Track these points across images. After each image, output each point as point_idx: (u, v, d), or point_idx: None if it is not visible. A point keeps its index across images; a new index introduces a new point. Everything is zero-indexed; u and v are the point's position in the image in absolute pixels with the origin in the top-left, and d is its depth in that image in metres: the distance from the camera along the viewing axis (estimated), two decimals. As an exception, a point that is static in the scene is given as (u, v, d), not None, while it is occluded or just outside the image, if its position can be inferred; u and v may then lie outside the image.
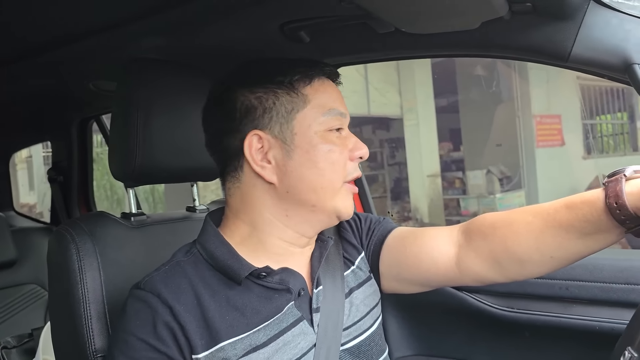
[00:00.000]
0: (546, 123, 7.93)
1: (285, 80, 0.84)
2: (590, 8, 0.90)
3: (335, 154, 0.83)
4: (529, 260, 0.83)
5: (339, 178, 0.84)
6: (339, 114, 0.86)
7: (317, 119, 0.84)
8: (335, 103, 0.86)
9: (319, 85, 0.86)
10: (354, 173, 0.86)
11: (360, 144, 0.87)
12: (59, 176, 2.24)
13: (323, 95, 0.85)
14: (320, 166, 0.82)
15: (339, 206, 0.85)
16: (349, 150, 0.85)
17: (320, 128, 0.83)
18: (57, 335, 0.98)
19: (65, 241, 0.94)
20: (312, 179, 0.83)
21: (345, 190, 0.85)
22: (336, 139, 0.85)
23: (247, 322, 0.79)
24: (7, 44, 1.27)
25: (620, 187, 0.72)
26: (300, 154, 0.82)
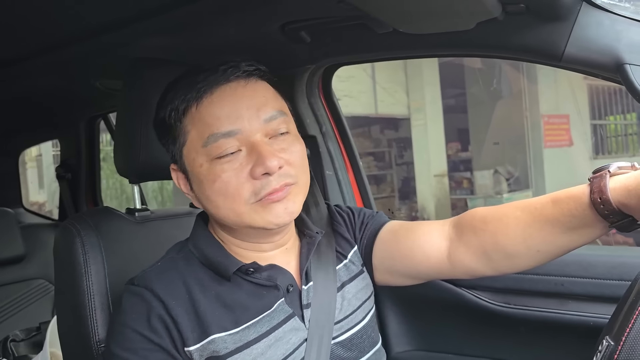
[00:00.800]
0: (554, 123, 7.89)
1: (167, 114, 0.82)
2: (583, 9, 0.91)
3: (224, 184, 0.78)
4: (517, 253, 0.85)
5: (238, 204, 0.79)
6: (223, 136, 0.78)
7: (199, 151, 0.79)
8: (216, 125, 0.78)
9: (195, 111, 0.80)
10: (262, 191, 0.78)
11: (262, 159, 0.77)
12: (67, 173, 2.28)
13: (199, 123, 0.79)
14: (212, 199, 0.80)
15: (256, 223, 0.80)
16: (249, 170, 0.78)
17: (205, 159, 0.79)
18: (62, 325, 1.01)
19: (71, 235, 0.97)
20: (212, 211, 0.83)
21: (259, 208, 0.79)
22: (227, 164, 0.78)
23: (236, 318, 0.81)
24: (16, 43, 1.30)
25: (604, 182, 0.74)
26: (196, 188, 0.83)
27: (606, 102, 8.55)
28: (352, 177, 1.51)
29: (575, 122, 8.06)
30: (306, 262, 0.89)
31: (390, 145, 10.00)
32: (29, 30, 1.21)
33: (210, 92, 0.80)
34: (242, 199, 0.79)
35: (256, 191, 0.79)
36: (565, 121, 8.07)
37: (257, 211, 0.80)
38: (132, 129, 1.02)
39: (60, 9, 1.09)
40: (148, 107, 1.02)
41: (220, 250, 0.86)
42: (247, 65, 0.82)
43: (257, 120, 0.80)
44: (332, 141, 1.48)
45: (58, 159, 2.40)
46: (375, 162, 9.63)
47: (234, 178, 0.78)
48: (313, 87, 1.43)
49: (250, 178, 0.78)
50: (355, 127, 8.94)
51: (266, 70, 0.85)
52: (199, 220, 0.91)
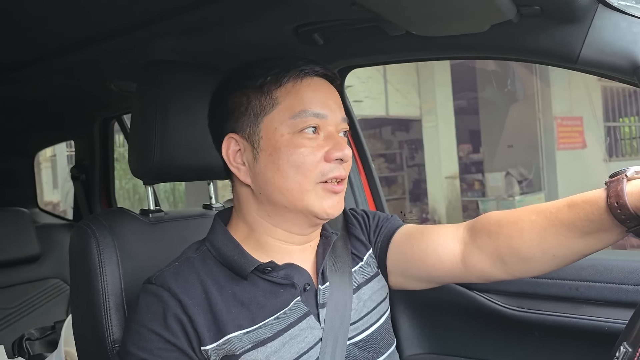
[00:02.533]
0: (567, 125, 7.83)
1: (257, 83, 0.85)
2: (599, 11, 0.90)
3: (301, 157, 0.82)
4: (532, 258, 0.84)
5: (307, 180, 0.83)
6: (313, 115, 0.84)
7: (285, 121, 0.83)
8: (310, 104, 0.84)
9: (292, 87, 0.85)
10: (330, 173, 0.84)
11: (340, 146, 0.84)
12: (81, 174, 2.31)
13: (295, 97, 0.84)
14: (283, 169, 0.83)
15: (312, 207, 0.84)
16: (326, 152, 0.84)
17: (288, 130, 0.83)
18: (77, 325, 1.03)
19: (86, 235, 0.98)
20: (277, 182, 0.84)
21: (321, 191, 0.84)
22: (307, 140, 0.83)
23: (253, 316, 0.81)
24: (31, 46, 1.32)
25: (621, 187, 0.73)
26: (264, 157, 0.84)
27: (620, 104, 8.46)
28: (364, 179, 1.51)
29: (589, 124, 7.98)
30: (322, 262, 0.90)
31: (401, 146, 9.99)
32: (44, 33, 1.23)
33: (311, 76, 0.87)
34: (312, 175, 0.83)
35: (324, 172, 0.84)
36: (578, 123, 8.00)
37: (319, 195, 0.84)
38: (146, 130, 1.03)
39: (76, 12, 1.10)
40: (163, 108, 1.03)
41: (238, 249, 0.86)
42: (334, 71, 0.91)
43: (338, 116, 0.88)
44: (345, 143, 1.47)
45: (72, 159, 2.43)
46: (386, 163, 9.62)
47: (311, 154, 0.83)
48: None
49: (323, 160, 0.84)
50: (367, 129, 8.94)
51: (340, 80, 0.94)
52: (218, 220, 0.92)
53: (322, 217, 0.85)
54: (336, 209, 0.86)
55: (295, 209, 0.84)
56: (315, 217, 0.85)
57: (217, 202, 1.24)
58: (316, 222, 0.88)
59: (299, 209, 0.84)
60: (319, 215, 0.85)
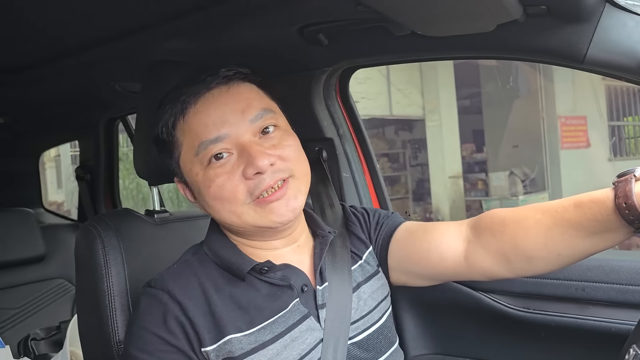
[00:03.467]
0: (571, 124, 7.81)
1: (159, 130, 0.87)
2: (606, 10, 0.90)
3: (219, 188, 0.81)
4: (537, 257, 0.84)
5: (236, 206, 0.81)
6: (211, 143, 0.81)
7: (192, 160, 0.83)
8: (204, 134, 0.81)
9: (183, 123, 0.84)
10: (257, 190, 0.80)
11: (251, 159, 0.79)
12: (86, 174, 2.31)
13: (189, 133, 0.83)
14: (211, 204, 0.83)
15: (258, 223, 0.82)
16: (242, 171, 0.80)
17: (199, 167, 0.82)
18: (83, 325, 1.03)
19: (91, 236, 0.98)
20: (215, 215, 0.86)
21: (256, 207, 0.81)
22: (219, 169, 0.81)
23: (251, 319, 0.81)
24: (37, 47, 1.32)
25: (629, 187, 0.72)
26: (197, 195, 0.87)
27: (625, 103, 8.43)
28: (368, 179, 1.51)
29: (593, 123, 7.96)
30: (319, 262, 0.89)
31: (404, 146, 9.98)
32: (50, 35, 1.23)
33: (195, 102, 0.83)
34: (239, 200, 0.81)
35: (250, 191, 0.81)
36: (582, 122, 7.98)
37: (257, 211, 0.82)
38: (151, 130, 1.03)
39: (81, 14, 1.10)
40: (168, 109, 1.03)
41: (234, 251, 0.87)
42: (227, 70, 0.85)
43: (243, 122, 0.82)
44: (349, 143, 1.47)
45: (76, 159, 2.44)
46: (389, 163, 9.61)
47: (228, 181, 0.81)
48: (330, 90, 1.43)
49: (244, 179, 0.81)
50: (370, 129, 8.93)
51: (247, 72, 0.88)
52: (214, 223, 0.92)
53: (273, 227, 0.83)
54: (284, 214, 0.82)
55: (245, 226, 0.84)
56: (269, 229, 0.84)
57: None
58: (276, 232, 0.86)
59: (248, 227, 0.84)
60: (270, 226, 0.83)
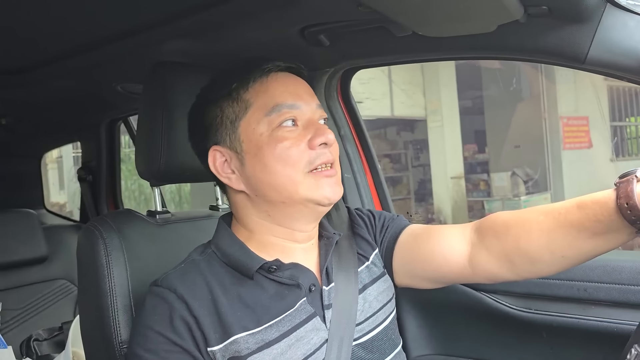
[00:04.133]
0: (573, 125, 7.80)
1: (225, 92, 0.87)
2: (607, 10, 0.90)
3: (285, 150, 0.83)
4: (540, 259, 0.84)
5: (296, 171, 0.83)
6: (287, 107, 0.85)
7: (261, 120, 0.85)
8: (281, 98, 0.85)
9: (259, 86, 0.86)
10: (317, 160, 0.84)
11: (321, 131, 0.85)
12: (88, 175, 2.31)
13: (265, 95, 0.86)
14: (269, 165, 0.84)
15: (310, 196, 0.84)
16: (308, 140, 0.84)
17: (266, 128, 0.84)
18: (85, 326, 1.03)
19: (93, 237, 0.98)
20: (267, 179, 0.84)
21: (313, 179, 0.84)
22: (288, 133, 0.84)
23: (258, 318, 0.81)
24: (38, 48, 1.32)
25: (631, 187, 0.73)
26: (250, 159, 0.85)
27: (627, 104, 8.41)
28: (370, 180, 1.51)
29: (595, 123, 7.95)
30: (325, 262, 0.90)
31: (406, 147, 9.97)
32: (51, 36, 1.23)
33: (276, 72, 0.88)
34: (300, 166, 0.84)
35: (311, 160, 0.84)
36: (584, 123, 7.97)
37: (312, 184, 0.84)
38: (153, 132, 1.03)
39: (83, 15, 1.11)
40: (169, 110, 1.03)
41: (243, 249, 0.86)
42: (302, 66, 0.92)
43: (312, 104, 0.88)
44: (351, 144, 1.47)
45: (78, 160, 2.44)
46: (391, 164, 9.61)
47: (294, 146, 0.84)
48: (332, 90, 1.43)
49: (307, 148, 0.84)
50: (372, 129, 8.93)
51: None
52: (222, 223, 0.92)
53: (324, 203, 0.86)
54: (335, 192, 0.86)
55: (294, 202, 0.85)
56: (318, 205, 0.86)
57: (223, 203, 1.24)
58: (319, 211, 0.88)
59: (297, 201, 0.85)
60: (321, 202, 0.85)
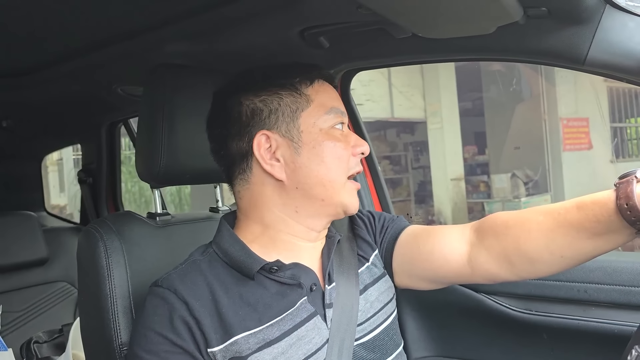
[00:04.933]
0: (573, 126, 7.80)
1: (288, 83, 0.89)
2: (606, 12, 0.90)
3: (339, 149, 0.87)
4: (540, 259, 0.84)
5: (343, 172, 0.88)
6: (340, 113, 0.90)
7: (321, 117, 0.88)
8: (334, 102, 0.91)
9: (319, 86, 0.91)
10: (355, 168, 0.90)
11: (361, 141, 0.91)
12: (88, 178, 2.31)
13: (324, 95, 0.90)
14: (327, 161, 0.86)
15: (346, 201, 0.88)
16: (351, 147, 0.89)
17: (325, 125, 0.88)
18: (85, 328, 1.03)
19: (94, 239, 0.98)
20: (320, 174, 0.86)
21: (350, 186, 0.89)
22: (340, 135, 0.89)
23: (260, 317, 0.81)
24: (39, 50, 1.33)
25: (631, 188, 0.73)
26: (307, 150, 0.87)
27: (627, 105, 8.41)
28: (370, 181, 1.51)
29: (595, 125, 7.95)
30: (328, 262, 0.90)
31: (406, 149, 9.97)
32: (51, 38, 1.23)
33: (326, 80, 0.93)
34: (346, 168, 0.89)
35: (352, 167, 0.90)
36: (584, 124, 7.97)
37: (348, 191, 0.89)
38: (154, 134, 1.03)
39: (82, 17, 1.11)
40: (169, 112, 1.03)
41: (244, 250, 0.86)
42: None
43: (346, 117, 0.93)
44: (351, 146, 1.47)
45: (78, 162, 2.44)
46: (391, 165, 9.60)
47: (345, 149, 0.89)
48: (331, 92, 1.43)
49: (351, 154, 0.90)
50: (372, 131, 8.93)
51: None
52: (224, 222, 0.92)
53: (350, 211, 0.90)
54: (357, 206, 0.92)
55: (332, 202, 0.88)
56: (344, 212, 0.90)
57: (223, 205, 1.24)
58: (340, 216, 0.92)
59: (334, 202, 0.88)
60: (349, 209, 0.90)
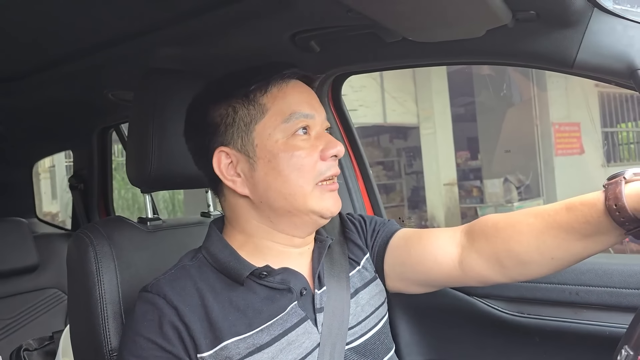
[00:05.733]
0: (565, 131, 7.85)
1: (241, 93, 0.85)
2: (595, 15, 0.91)
3: (300, 159, 0.84)
4: (530, 261, 0.84)
5: (307, 182, 0.84)
6: (303, 116, 0.85)
7: (277, 126, 0.84)
8: (298, 106, 0.86)
9: (278, 91, 0.86)
10: (327, 172, 0.86)
11: (333, 143, 0.86)
12: (79, 184, 2.30)
13: (282, 101, 0.85)
14: (284, 174, 0.83)
15: (315, 207, 0.85)
16: (320, 151, 0.85)
17: (282, 135, 0.84)
18: (75, 334, 1.02)
19: (84, 244, 0.98)
20: (279, 187, 0.84)
21: (320, 191, 0.85)
22: (302, 142, 0.85)
23: (249, 322, 0.81)
24: (30, 56, 1.32)
25: (619, 189, 0.73)
26: (263, 164, 0.84)
27: (618, 110, 8.48)
28: (362, 186, 1.51)
29: (587, 130, 8.00)
30: (318, 265, 0.90)
31: (399, 154, 9.99)
32: (43, 43, 1.23)
33: (293, 79, 0.89)
34: (311, 176, 0.85)
35: (322, 171, 0.85)
36: (576, 129, 8.02)
37: (317, 196, 0.85)
38: (144, 138, 1.03)
39: (74, 22, 1.11)
40: (160, 117, 1.03)
41: (233, 255, 0.86)
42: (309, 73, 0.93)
43: (322, 114, 0.89)
44: (343, 150, 1.47)
45: (71, 169, 2.43)
46: (384, 171, 9.61)
47: (308, 156, 0.85)
48: (322, 96, 1.43)
49: (319, 159, 0.85)
50: (365, 137, 8.95)
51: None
52: (213, 227, 0.92)
53: (326, 216, 0.87)
54: (337, 206, 0.88)
55: (300, 212, 0.85)
56: (320, 217, 0.87)
57: (215, 209, 1.24)
58: (320, 222, 0.89)
59: (303, 211, 0.85)
60: (324, 214, 0.86)
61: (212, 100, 0.88)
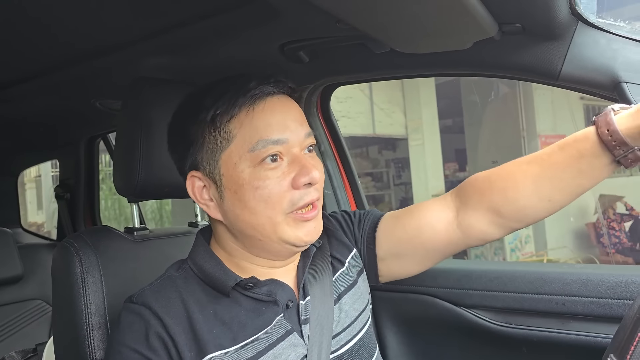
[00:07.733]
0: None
1: (208, 118, 0.79)
2: (579, 28, 0.93)
3: (267, 190, 0.78)
4: (529, 205, 0.88)
5: (277, 212, 0.79)
6: (272, 143, 0.78)
7: (243, 155, 0.78)
8: (266, 132, 0.78)
9: (245, 116, 0.79)
10: (300, 201, 0.80)
11: (306, 169, 0.79)
12: (66, 193, 2.28)
13: (249, 128, 0.78)
14: (250, 205, 0.79)
15: (287, 238, 0.81)
16: (292, 179, 0.79)
17: (248, 164, 0.78)
18: (59, 345, 1.00)
19: (69, 254, 0.97)
20: (246, 219, 0.80)
21: (293, 220, 0.80)
22: (270, 171, 0.78)
23: (234, 336, 0.80)
24: (16, 64, 1.31)
25: (610, 117, 0.78)
26: (230, 195, 0.80)
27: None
28: (350, 195, 1.52)
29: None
30: (303, 276, 0.89)
31: (388, 165, 10.02)
32: (29, 52, 1.22)
33: (264, 100, 0.80)
34: (281, 207, 0.79)
35: (294, 201, 0.79)
36: (562, 141, 8.11)
37: (290, 225, 0.80)
38: (131, 148, 1.02)
39: (61, 32, 1.10)
40: (147, 126, 1.03)
41: (219, 266, 0.85)
42: (290, 83, 0.84)
43: (300, 134, 0.82)
44: (331, 160, 1.48)
45: (57, 179, 2.41)
46: (373, 182, 9.63)
47: (277, 186, 0.78)
48: (311, 107, 1.44)
49: (291, 188, 0.79)
50: (353, 148, 8.98)
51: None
52: (200, 237, 0.90)
53: (299, 245, 0.83)
54: (313, 235, 0.83)
55: (271, 241, 0.82)
56: (294, 247, 0.83)
57: (202, 219, 1.23)
58: (295, 251, 0.86)
59: (274, 241, 0.82)
60: (297, 244, 0.82)
61: (187, 118, 0.84)
